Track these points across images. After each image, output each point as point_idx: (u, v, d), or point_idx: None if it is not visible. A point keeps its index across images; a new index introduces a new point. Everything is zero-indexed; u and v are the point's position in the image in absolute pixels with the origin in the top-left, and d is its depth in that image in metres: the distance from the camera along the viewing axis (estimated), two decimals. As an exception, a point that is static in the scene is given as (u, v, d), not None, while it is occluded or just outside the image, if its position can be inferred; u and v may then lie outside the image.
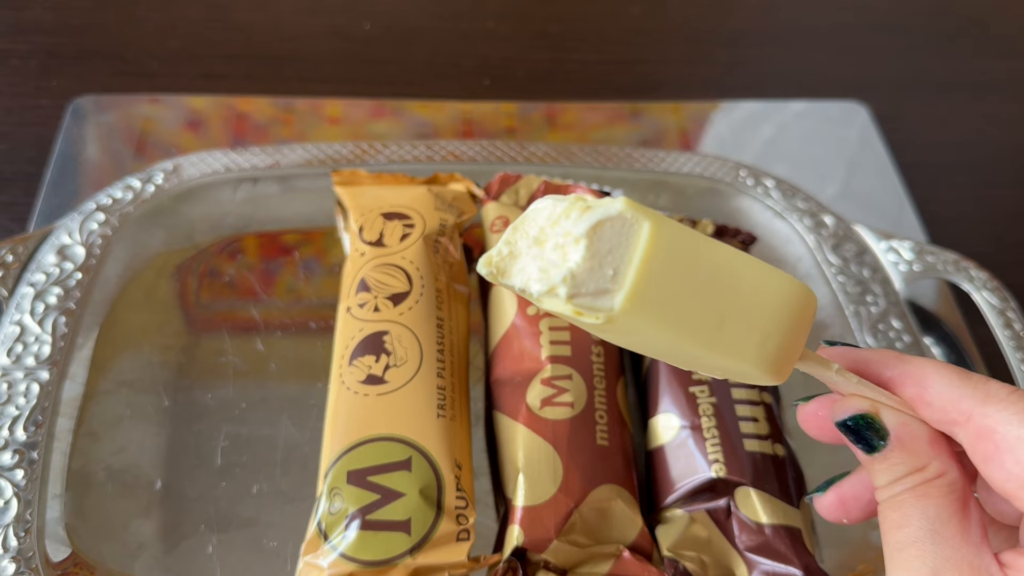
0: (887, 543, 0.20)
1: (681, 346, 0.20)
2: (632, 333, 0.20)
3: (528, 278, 0.20)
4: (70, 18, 0.53)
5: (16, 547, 0.29)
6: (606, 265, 0.19)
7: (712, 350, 0.20)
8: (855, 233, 0.42)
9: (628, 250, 0.19)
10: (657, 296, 0.19)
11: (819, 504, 0.24)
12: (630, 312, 0.19)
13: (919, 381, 0.21)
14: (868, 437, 0.21)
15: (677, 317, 0.19)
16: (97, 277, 0.37)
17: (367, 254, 0.35)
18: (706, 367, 0.21)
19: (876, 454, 0.21)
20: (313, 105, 0.49)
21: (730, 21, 0.58)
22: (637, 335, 0.20)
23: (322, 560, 0.28)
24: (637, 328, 0.19)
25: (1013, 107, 0.54)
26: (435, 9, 0.57)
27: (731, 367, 0.21)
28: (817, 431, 0.24)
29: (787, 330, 0.21)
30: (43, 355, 0.34)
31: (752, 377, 0.21)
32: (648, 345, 0.21)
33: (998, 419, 0.20)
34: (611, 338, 0.21)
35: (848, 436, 0.21)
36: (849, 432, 0.21)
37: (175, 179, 0.41)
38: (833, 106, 0.52)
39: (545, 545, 0.28)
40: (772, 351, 0.20)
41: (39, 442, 0.32)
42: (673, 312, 0.19)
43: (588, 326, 0.20)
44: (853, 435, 0.21)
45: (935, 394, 0.21)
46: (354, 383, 0.31)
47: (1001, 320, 0.38)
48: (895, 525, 0.20)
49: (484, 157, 0.43)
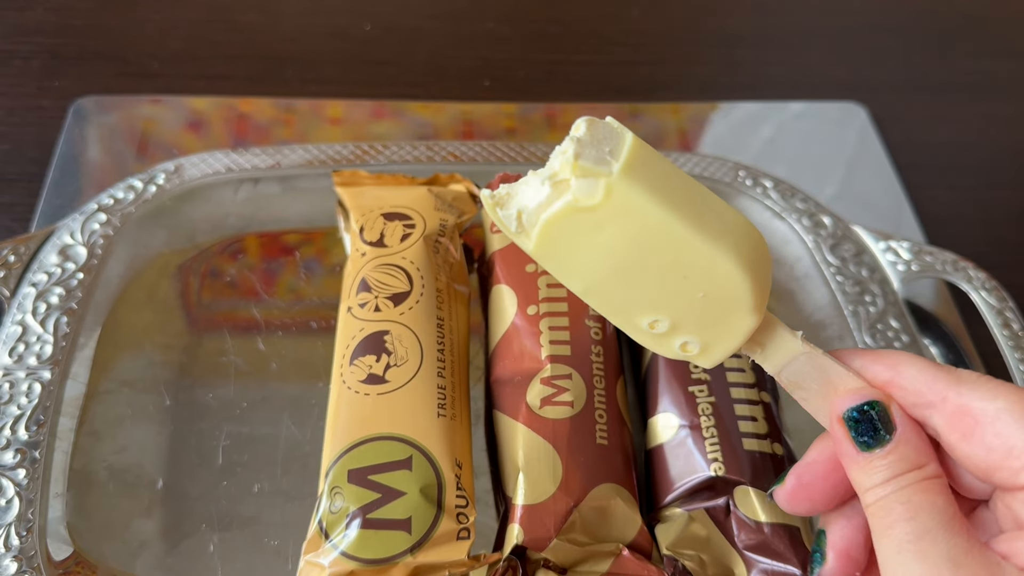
0: (892, 536, 0.20)
1: (672, 226, 0.21)
2: (624, 215, 0.21)
3: (527, 188, 0.23)
4: (72, 19, 0.53)
5: (18, 546, 0.30)
6: (603, 145, 0.22)
7: (700, 233, 0.21)
8: (854, 233, 0.42)
9: (619, 141, 0.22)
10: (648, 174, 0.22)
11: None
12: (626, 178, 0.21)
13: (892, 367, 0.21)
14: (876, 428, 0.21)
15: (667, 194, 0.22)
16: (99, 277, 0.37)
17: (368, 254, 0.35)
18: (690, 269, 0.22)
19: (879, 449, 0.21)
20: (314, 106, 0.49)
21: (729, 22, 0.58)
22: (629, 218, 0.21)
23: (323, 559, 0.28)
24: (631, 203, 0.21)
25: (1011, 108, 0.54)
26: (435, 10, 0.57)
27: (716, 264, 0.21)
28: (809, 502, 0.23)
29: (754, 247, 0.22)
30: (45, 355, 0.34)
31: (735, 288, 0.22)
32: (638, 237, 0.22)
33: (973, 396, 0.20)
34: (604, 234, 0.22)
35: (853, 428, 0.21)
36: (856, 424, 0.21)
37: (176, 179, 0.41)
38: (832, 107, 0.52)
39: (545, 544, 0.29)
40: (747, 257, 0.22)
41: (41, 441, 0.32)
42: (663, 189, 0.22)
43: (583, 210, 0.22)
44: (861, 426, 0.21)
45: (909, 378, 0.21)
46: (355, 382, 0.31)
47: (999, 320, 0.38)
48: (903, 518, 0.20)
49: (484, 158, 0.44)
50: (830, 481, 0.23)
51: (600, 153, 0.22)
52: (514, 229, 0.23)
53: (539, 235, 0.23)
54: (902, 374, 0.21)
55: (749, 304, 0.22)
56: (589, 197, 0.22)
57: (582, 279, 0.23)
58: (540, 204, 0.23)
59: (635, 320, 0.24)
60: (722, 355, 0.24)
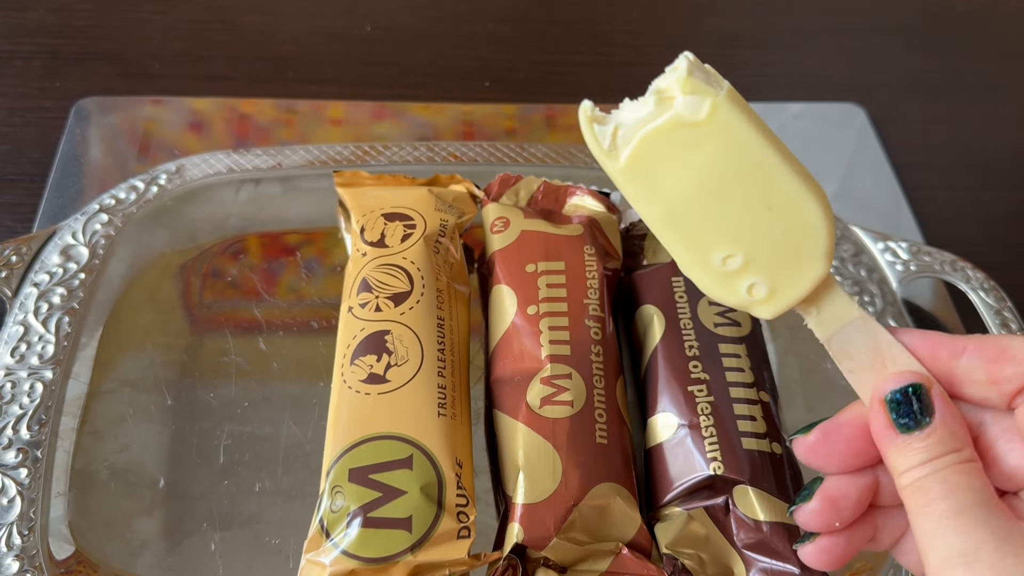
0: (930, 513, 0.20)
1: (768, 154, 0.23)
2: (725, 135, 0.23)
3: (627, 109, 0.24)
4: (73, 20, 0.54)
5: (20, 545, 0.30)
6: (708, 75, 0.23)
7: (792, 169, 0.23)
8: (852, 233, 0.42)
9: (718, 79, 0.23)
10: (747, 108, 0.23)
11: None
12: (731, 101, 0.23)
13: (995, 342, 0.21)
14: (916, 412, 0.21)
15: (763, 128, 0.23)
16: (100, 277, 0.38)
17: (368, 254, 0.35)
18: (776, 200, 0.23)
19: (918, 432, 0.21)
20: (315, 107, 0.49)
21: (728, 23, 0.58)
22: (729, 139, 0.23)
23: (324, 557, 0.28)
24: (734, 125, 0.23)
25: (1010, 108, 0.54)
26: (435, 12, 0.57)
27: (802, 201, 0.23)
28: (824, 459, 0.23)
29: (828, 207, 0.23)
30: (47, 355, 0.35)
31: (814, 229, 0.23)
32: (734, 159, 0.23)
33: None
34: (701, 154, 0.23)
35: (894, 410, 0.21)
36: (897, 406, 0.21)
37: (178, 180, 0.41)
38: (831, 108, 0.52)
39: (545, 543, 0.29)
40: (826, 205, 0.23)
41: (43, 441, 0.32)
42: (759, 123, 0.23)
43: (686, 126, 0.23)
44: (902, 408, 0.21)
45: (1018, 348, 0.21)
46: (356, 382, 0.31)
47: (998, 320, 0.38)
48: (940, 496, 0.20)
49: (484, 158, 0.44)
50: (853, 447, 0.23)
51: (706, 78, 0.23)
52: (606, 146, 0.24)
53: (634, 150, 0.23)
54: (1008, 347, 0.21)
55: (824, 249, 0.23)
56: (694, 114, 0.22)
57: (665, 202, 0.24)
58: (641, 119, 0.23)
59: (708, 254, 0.24)
60: (787, 303, 0.23)
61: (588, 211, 0.38)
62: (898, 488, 0.21)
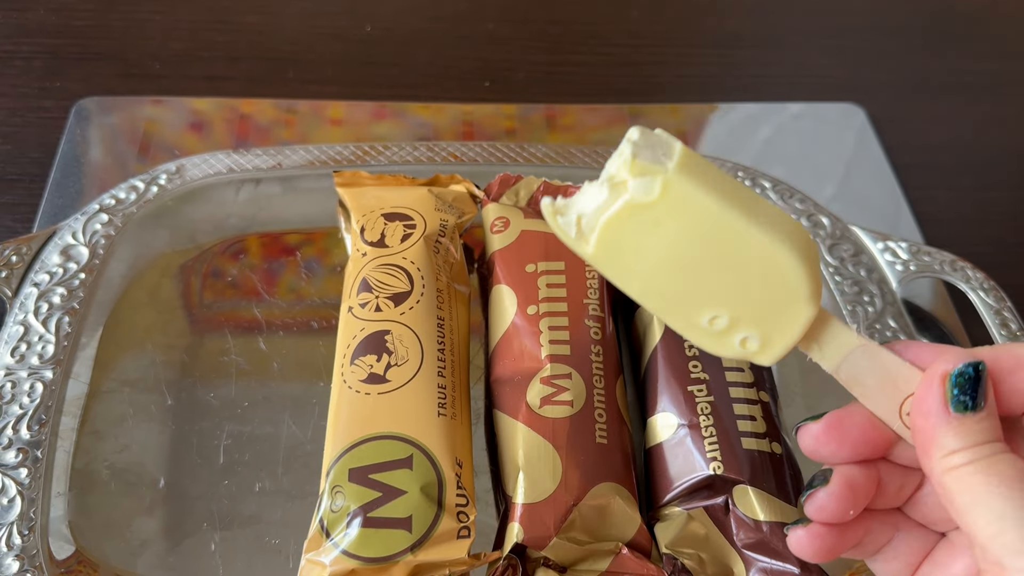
0: (995, 495, 0.19)
1: (728, 217, 0.22)
2: (681, 210, 0.23)
3: (584, 196, 0.24)
4: (73, 20, 0.54)
5: (20, 545, 0.30)
6: (656, 149, 0.23)
7: (756, 224, 0.22)
8: (852, 234, 0.42)
9: (669, 147, 0.23)
10: (700, 172, 0.23)
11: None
12: (681, 174, 0.22)
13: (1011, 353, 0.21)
14: (978, 391, 0.21)
15: (720, 189, 0.23)
16: (101, 277, 0.38)
17: (368, 254, 0.35)
18: (747, 259, 0.23)
19: (972, 414, 0.21)
20: (315, 107, 0.49)
21: (728, 24, 0.58)
22: (686, 212, 0.23)
23: (324, 557, 0.28)
24: (688, 197, 0.22)
25: (1009, 109, 0.54)
26: (435, 12, 0.57)
27: (772, 253, 0.22)
28: (836, 445, 0.23)
29: (804, 240, 0.23)
30: (47, 354, 0.35)
31: (791, 277, 0.22)
32: (695, 230, 0.23)
33: None
34: (662, 231, 0.23)
35: (958, 386, 0.21)
36: (965, 382, 0.21)
37: (178, 180, 0.41)
38: (830, 108, 0.52)
39: (545, 542, 0.29)
40: (799, 247, 0.22)
41: (43, 441, 0.32)
42: (715, 185, 0.23)
43: (642, 208, 0.23)
44: (968, 384, 0.21)
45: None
46: (356, 382, 0.31)
47: (997, 320, 0.38)
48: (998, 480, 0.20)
49: (484, 158, 0.44)
50: (865, 435, 0.23)
51: (655, 155, 0.23)
52: (573, 235, 0.24)
53: (598, 238, 0.23)
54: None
55: (806, 292, 0.23)
56: (647, 195, 0.22)
57: (641, 279, 0.24)
58: (599, 207, 0.23)
59: (694, 318, 0.24)
60: (783, 349, 0.24)
61: (588, 211, 0.38)
62: (940, 471, 0.21)
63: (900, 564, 0.23)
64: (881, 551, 0.24)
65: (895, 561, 0.23)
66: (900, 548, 0.23)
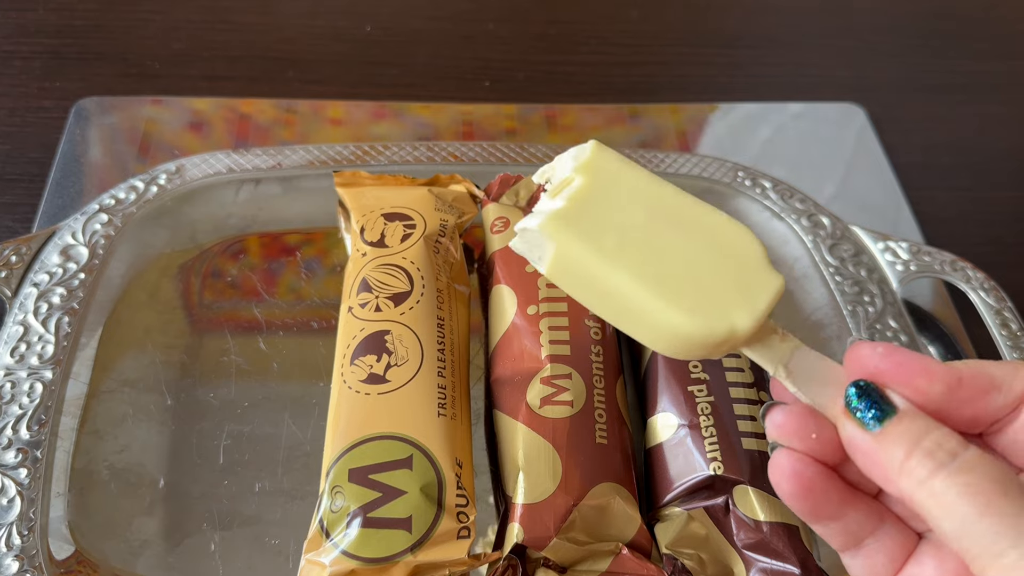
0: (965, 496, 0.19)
1: (609, 277, 0.24)
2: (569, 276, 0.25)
3: None
4: (73, 20, 0.54)
5: (20, 545, 0.30)
6: (533, 252, 0.25)
7: (653, 297, 0.24)
8: (852, 233, 0.42)
9: (543, 249, 0.25)
10: (576, 268, 0.25)
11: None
12: (554, 276, 0.25)
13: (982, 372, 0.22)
14: (879, 400, 0.21)
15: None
16: (100, 277, 0.38)
17: (368, 254, 0.35)
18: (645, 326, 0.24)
19: (888, 421, 0.20)
20: (315, 107, 0.49)
21: (728, 23, 0.58)
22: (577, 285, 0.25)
23: (324, 557, 0.28)
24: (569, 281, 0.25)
25: (1009, 108, 0.54)
26: (435, 11, 0.57)
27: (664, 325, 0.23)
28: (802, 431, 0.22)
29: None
30: (47, 355, 0.35)
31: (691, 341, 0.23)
32: (590, 295, 0.25)
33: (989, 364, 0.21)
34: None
35: (857, 408, 0.21)
36: (859, 399, 0.21)
37: (178, 180, 0.41)
38: (830, 108, 0.52)
39: (545, 543, 0.29)
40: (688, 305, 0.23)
41: (43, 441, 0.32)
42: (592, 286, 0.25)
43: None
44: (863, 399, 0.21)
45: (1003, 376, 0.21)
46: (355, 382, 0.31)
47: (998, 320, 0.38)
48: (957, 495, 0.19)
49: (484, 158, 0.44)
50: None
51: (533, 255, 0.25)
52: None
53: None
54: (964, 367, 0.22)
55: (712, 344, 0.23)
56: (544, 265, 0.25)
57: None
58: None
59: None
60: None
61: (588, 211, 0.38)
62: (908, 490, 0.20)
63: (884, 559, 0.23)
64: (865, 544, 0.23)
65: (879, 555, 0.23)
66: (884, 541, 0.23)
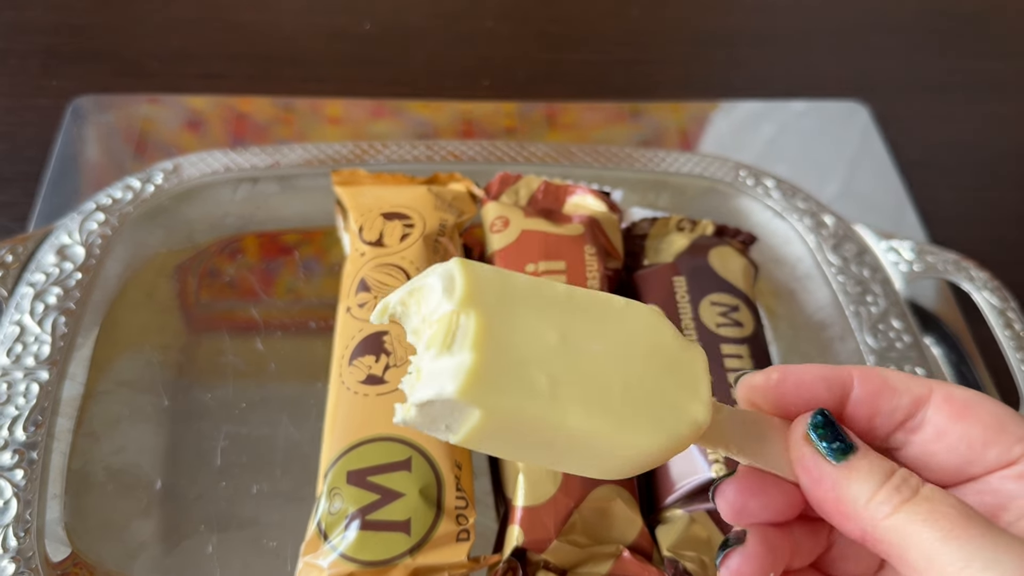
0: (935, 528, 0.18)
1: None
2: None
3: None
4: (70, 18, 0.53)
5: (16, 547, 0.29)
6: (439, 422, 0.20)
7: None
8: (855, 233, 0.42)
9: (461, 416, 0.19)
10: (495, 430, 0.19)
11: (732, 561, 0.20)
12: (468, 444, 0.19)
13: (877, 374, 0.21)
14: (841, 432, 0.20)
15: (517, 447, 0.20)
16: (97, 277, 0.37)
17: (367, 254, 0.35)
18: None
19: (852, 456, 0.19)
20: (313, 105, 0.49)
21: (729, 21, 0.58)
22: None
23: (322, 560, 0.28)
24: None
25: (1013, 107, 0.54)
26: (435, 9, 0.57)
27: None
28: (756, 505, 0.21)
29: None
30: (43, 355, 0.34)
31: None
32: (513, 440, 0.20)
33: (951, 388, 0.20)
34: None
35: (822, 437, 0.20)
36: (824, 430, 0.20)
37: (175, 179, 0.41)
38: (833, 106, 0.52)
39: (545, 545, 0.28)
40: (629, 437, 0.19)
41: (39, 442, 0.32)
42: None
43: None
44: (828, 431, 0.20)
45: (898, 380, 0.21)
46: (354, 383, 0.31)
47: (1001, 320, 0.38)
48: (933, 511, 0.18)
49: (484, 157, 0.43)
50: (779, 489, 0.21)
51: (436, 427, 0.19)
52: None
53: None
54: (889, 378, 0.21)
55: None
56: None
57: None
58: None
59: None
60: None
61: (589, 210, 0.38)
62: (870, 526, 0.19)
63: None
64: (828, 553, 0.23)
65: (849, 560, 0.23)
66: None
